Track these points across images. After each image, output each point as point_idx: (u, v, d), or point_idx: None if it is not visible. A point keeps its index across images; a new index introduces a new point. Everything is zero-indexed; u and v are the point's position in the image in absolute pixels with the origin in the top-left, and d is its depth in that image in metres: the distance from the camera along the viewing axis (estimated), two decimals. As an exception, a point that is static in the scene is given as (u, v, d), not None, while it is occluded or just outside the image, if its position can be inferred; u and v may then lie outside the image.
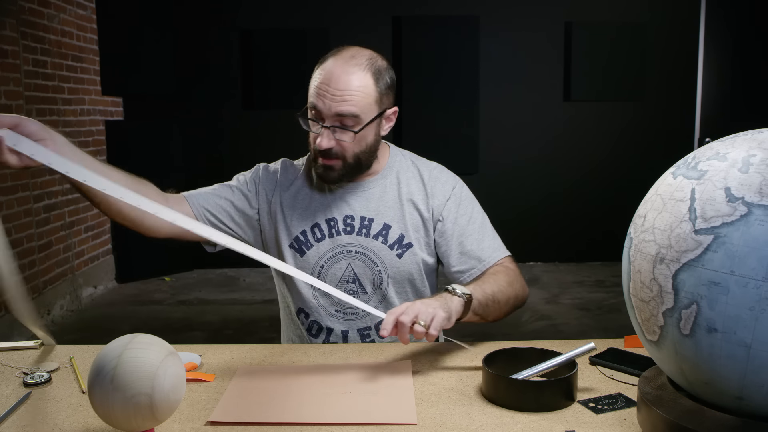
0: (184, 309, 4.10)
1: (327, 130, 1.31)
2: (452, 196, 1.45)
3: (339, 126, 1.30)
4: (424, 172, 1.47)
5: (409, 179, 1.46)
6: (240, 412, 1.01)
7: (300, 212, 1.44)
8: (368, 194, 1.43)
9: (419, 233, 1.44)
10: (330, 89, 1.29)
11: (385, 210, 1.43)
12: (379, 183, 1.44)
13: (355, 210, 1.43)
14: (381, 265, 1.42)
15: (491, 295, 1.28)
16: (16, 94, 3.60)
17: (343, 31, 4.70)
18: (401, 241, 1.42)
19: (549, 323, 3.76)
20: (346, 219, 1.43)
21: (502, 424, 0.96)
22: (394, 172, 1.46)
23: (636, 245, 0.87)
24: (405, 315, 1.11)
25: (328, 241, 1.42)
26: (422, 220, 1.44)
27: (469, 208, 1.45)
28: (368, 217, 1.42)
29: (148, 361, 0.88)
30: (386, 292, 1.44)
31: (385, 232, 1.42)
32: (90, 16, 4.51)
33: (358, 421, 0.97)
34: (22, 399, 1.07)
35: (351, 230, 1.42)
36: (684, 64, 4.84)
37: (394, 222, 1.42)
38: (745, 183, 0.76)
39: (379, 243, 1.42)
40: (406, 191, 1.44)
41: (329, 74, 1.30)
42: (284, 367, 1.22)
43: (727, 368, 0.77)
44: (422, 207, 1.44)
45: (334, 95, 1.29)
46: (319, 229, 1.43)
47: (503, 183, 5.01)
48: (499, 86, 4.93)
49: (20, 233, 3.61)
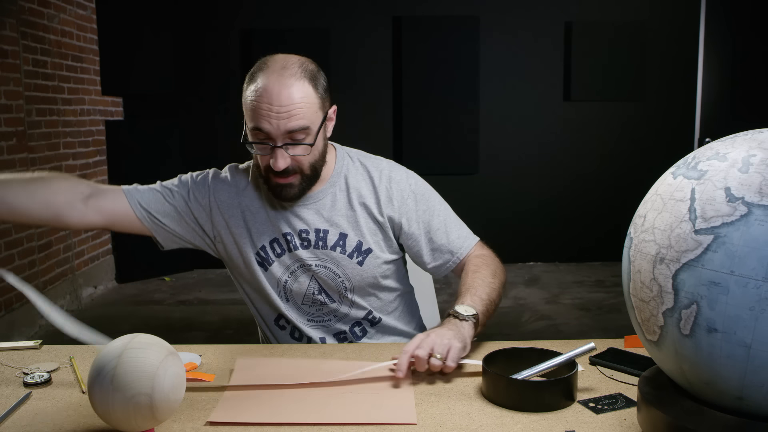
0: (184, 309, 4.10)
1: (280, 150, 1.25)
2: (409, 195, 1.41)
3: (290, 143, 1.25)
4: (374, 173, 1.42)
5: (359, 182, 1.41)
6: (240, 412, 1.01)
7: (257, 227, 1.40)
8: (319, 205, 1.40)
9: (377, 236, 1.41)
10: (273, 108, 1.23)
11: (339, 219, 1.39)
12: (329, 192, 1.40)
13: (309, 223, 1.39)
14: (343, 275, 1.40)
15: (488, 299, 1.28)
16: (16, 94, 3.60)
17: (343, 31, 4.71)
18: (360, 248, 1.40)
19: (549, 323, 3.76)
20: (301, 233, 1.39)
21: (502, 424, 0.96)
22: (342, 177, 1.42)
23: (636, 245, 0.87)
24: (420, 349, 1.11)
25: (288, 256, 1.40)
26: (377, 223, 1.41)
27: (428, 203, 1.43)
28: (323, 229, 1.39)
29: (148, 361, 0.88)
30: (353, 299, 1.43)
31: (342, 242, 1.39)
32: (90, 16, 4.51)
33: (357, 421, 0.97)
34: (22, 399, 1.07)
35: (308, 244, 1.39)
36: (684, 64, 4.84)
37: (349, 230, 1.40)
38: (745, 183, 0.76)
39: (337, 253, 1.39)
40: (357, 195, 1.40)
41: (268, 93, 1.23)
42: (282, 361, 1.22)
43: (727, 368, 0.77)
44: (375, 210, 1.40)
45: (279, 113, 1.23)
46: (278, 244, 1.40)
47: (503, 183, 5.01)
48: (499, 86, 4.93)
49: (20, 233, 3.61)
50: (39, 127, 3.83)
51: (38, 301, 1.08)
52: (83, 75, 4.41)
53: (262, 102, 1.24)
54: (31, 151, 3.74)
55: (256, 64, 1.32)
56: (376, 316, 1.46)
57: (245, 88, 1.29)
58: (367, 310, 1.45)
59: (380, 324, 1.46)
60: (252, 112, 1.26)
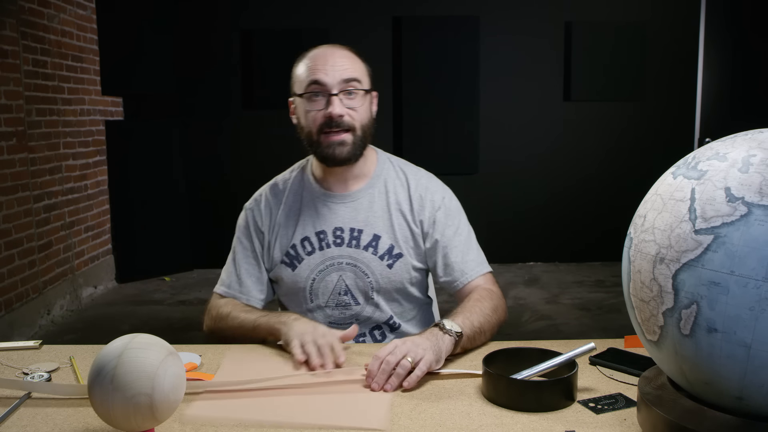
0: (184, 309, 4.10)
1: (336, 98, 1.33)
2: (441, 207, 1.44)
3: (345, 93, 1.34)
4: (412, 181, 1.46)
5: (397, 188, 1.45)
6: (214, 409, 1.02)
7: (291, 227, 1.44)
8: (357, 204, 1.43)
9: (409, 243, 1.43)
10: (329, 62, 1.34)
11: (374, 220, 1.42)
12: (367, 192, 1.44)
13: (344, 221, 1.42)
14: (372, 275, 1.42)
15: (479, 328, 1.26)
16: (16, 94, 3.60)
17: (343, 31, 4.70)
18: (391, 251, 1.42)
19: (549, 323, 3.75)
20: (335, 231, 1.42)
21: (502, 424, 0.96)
22: (381, 180, 1.46)
23: (636, 245, 0.87)
24: (392, 355, 1.10)
25: (319, 254, 1.42)
26: (410, 230, 1.43)
27: (456, 220, 1.45)
28: (357, 228, 1.42)
29: (148, 361, 0.88)
30: (378, 302, 1.44)
31: (375, 243, 1.42)
32: (90, 16, 4.51)
33: (327, 423, 0.97)
34: (22, 399, 1.07)
35: (341, 242, 1.42)
36: (684, 64, 4.84)
37: (383, 232, 1.42)
38: (745, 183, 0.76)
39: (369, 254, 1.41)
40: (394, 200, 1.44)
41: (322, 54, 1.36)
42: (270, 360, 1.23)
43: (727, 368, 0.77)
44: (409, 218, 1.43)
45: (334, 65, 1.34)
46: (309, 243, 1.43)
47: (503, 183, 5.01)
48: (499, 86, 4.93)
49: (20, 233, 3.61)
50: (39, 127, 3.83)
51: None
52: (83, 75, 4.41)
53: (317, 60, 1.36)
54: (31, 151, 3.74)
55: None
56: (396, 322, 1.47)
57: (297, 67, 1.40)
58: (389, 315, 1.46)
59: (399, 330, 1.47)
60: (308, 71, 1.36)
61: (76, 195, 4.28)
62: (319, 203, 1.44)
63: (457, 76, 4.81)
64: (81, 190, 4.34)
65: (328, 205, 1.43)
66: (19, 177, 3.62)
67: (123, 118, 4.88)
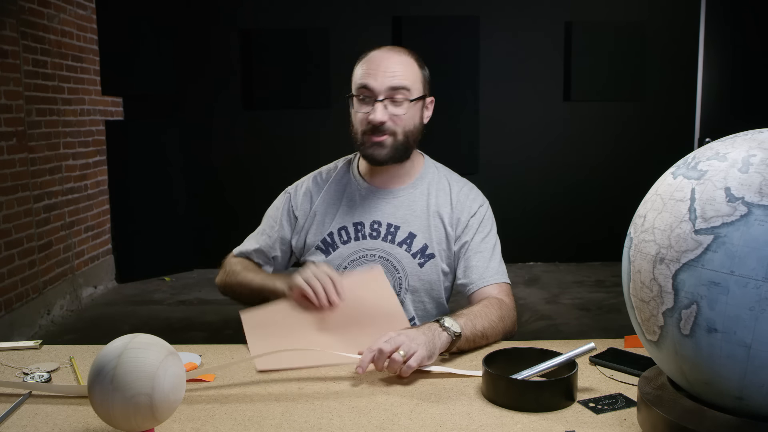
0: (184, 309, 4.10)
1: (380, 104, 1.37)
2: (477, 213, 1.48)
3: (391, 100, 1.37)
4: (455, 187, 1.50)
5: (439, 192, 1.49)
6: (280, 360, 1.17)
7: (330, 215, 1.48)
8: (397, 202, 1.47)
9: (442, 245, 1.46)
10: (381, 68, 1.37)
11: (412, 219, 1.46)
12: (409, 192, 1.48)
13: (383, 216, 1.46)
14: (402, 272, 1.45)
15: (481, 332, 1.25)
16: (16, 94, 3.60)
17: (343, 31, 4.70)
18: (424, 251, 1.45)
19: (549, 323, 3.75)
20: (373, 224, 1.46)
21: (502, 424, 0.96)
22: (425, 183, 1.49)
23: (636, 245, 0.87)
24: (387, 344, 1.11)
25: (354, 244, 1.45)
26: (446, 234, 1.47)
27: (487, 228, 1.49)
28: (395, 224, 1.45)
29: (148, 361, 0.88)
30: (404, 299, 1.46)
31: (409, 241, 1.45)
32: (90, 16, 4.51)
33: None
34: (22, 399, 1.07)
35: (377, 235, 1.45)
36: (684, 64, 4.83)
37: (419, 232, 1.45)
38: (745, 183, 0.76)
39: (402, 251, 1.44)
40: (435, 204, 1.47)
41: (377, 58, 1.39)
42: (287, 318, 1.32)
43: (727, 368, 0.77)
44: (447, 221, 1.47)
45: (385, 72, 1.37)
46: (346, 232, 1.46)
47: (503, 183, 5.00)
48: (499, 86, 4.92)
49: (20, 233, 3.61)
50: (39, 127, 3.83)
51: None
52: (83, 75, 4.41)
53: (370, 64, 1.39)
54: (31, 151, 3.74)
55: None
56: (417, 324, 1.47)
57: (356, 67, 1.43)
58: (411, 315, 1.47)
59: None
60: (360, 75, 1.40)
61: (76, 195, 4.28)
62: (360, 196, 1.48)
63: (457, 76, 4.81)
64: (81, 190, 4.34)
65: (369, 198, 1.47)
66: (19, 177, 3.62)
67: (123, 118, 4.88)
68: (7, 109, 3.50)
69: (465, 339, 1.22)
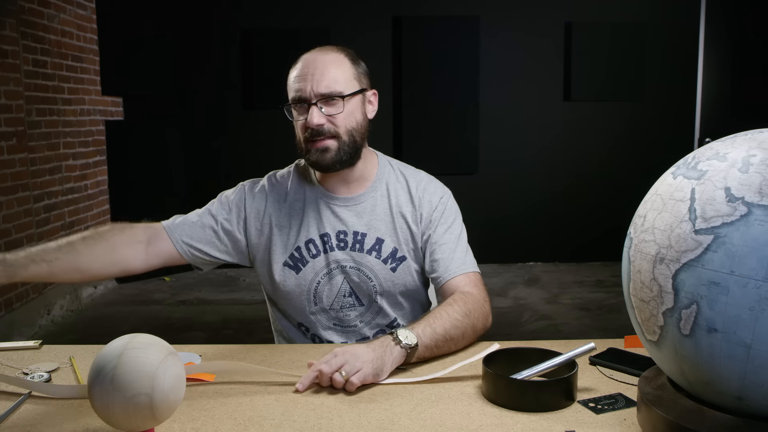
0: (184, 309, 4.10)
1: (315, 107, 1.32)
2: (439, 205, 1.44)
3: (325, 101, 1.32)
4: (412, 183, 1.46)
5: (398, 191, 1.45)
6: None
7: (294, 228, 1.43)
8: (360, 208, 1.43)
9: (410, 245, 1.44)
10: (309, 72, 1.33)
11: (377, 224, 1.42)
12: (370, 196, 1.44)
13: (348, 225, 1.42)
14: (375, 279, 1.42)
15: (442, 335, 1.21)
16: (16, 94, 3.60)
17: (343, 31, 4.70)
18: (395, 255, 1.42)
19: (549, 323, 3.75)
20: (339, 234, 1.42)
21: (502, 424, 0.96)
22: (383, 183, 1.45)
23: (636, 245, 0.87)
24: (327, 365, 1.09)
25: (323, 258, 1.42)
26: (411, 232, 1.43)
27: (450, 219, 1.45)
28: (361, 232, 1.42)
29: (148, 361, 0.88)
30: (381, 305, 1.44)
31: (378, 247, 1.42)
32: (90, 16, 4.51)
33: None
34: (22, 399, 1.07)
35: (344, 246, 1.41)
36: (684, 64, 4.84)
37: (386, 236, 1.42)
38: (745, 183, 0.76)
39: (372, 258, 1.41)
40: (396, 203, 1.44)
41: (306, 63, 1.35)
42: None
43: (727, 368, 0.77)
44: (410, 219, 1.43)
45: (314, 75, 1.32)
46: (314, 245, 1.42)
47: (503, 183, 5.01)
48: (499, 86, 4.93)
49: (20, 233, 3.61)
50: (39, 127, 3.83)
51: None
52: (83, 75, 4.41)
53: (301, 71, 1.34)
54: (31, 151, 3.74)
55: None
56: (400, 324, 1.47)
57: (289, 75, 1.38)
58: (392, 317, 1.46)
59: None
60: (292, 82, 1.36)
61: (76, 195, 4.28)
62: (321, 205, 1.43)
63: (457, 76, 4.81)
64: (81, 190, 4.34)
65: (331, 207, 1.43)
66: (19, 177, 3.62)
67: (123, 118, 4.88)
68: (7, 109, 3.50)
69: (424, 347, 1.18)
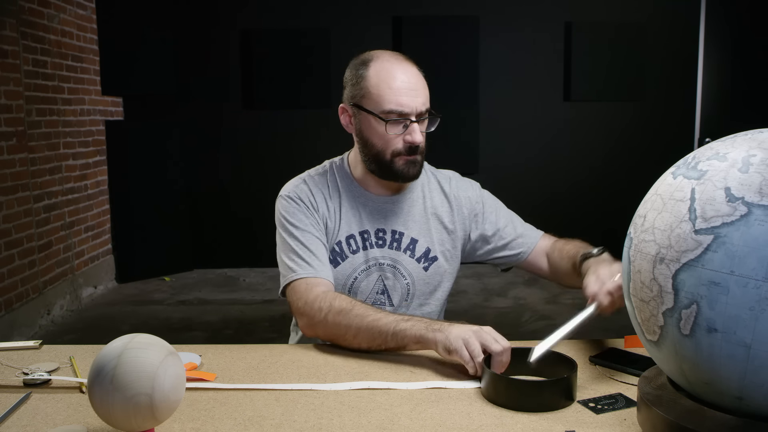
0: (184, 309, 4.10)
1: (417, 125, 1.35)
2: (477, 201, 1.52)
3: (421, 120, 1.36)
4: (444, 182, 1.52)
5: (432, 192, 1.50)
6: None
7: (335, 224, 1.46)
8: (398, 208, 1.47)
9: (444, 246, 1.48)
10: (412, 87, 1.34)
11: (413, 224, 1.47)
12: (407, 197, 1.48)
13: (387, 223, 1.46)
14: (409, 278, 1.46)
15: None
16: (16, 94, 3.60)
17: (343, 31, 4.70)
18: (427, 255, 1.47)
19: (549, 323, 3.75)
20: (378, 232, 1.46)
21: (502, 424, 0.96)
22: (419, 185, 1.50)
23: (636, 245, 0.87)
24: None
25: (362, 254, 1.45)
26: (447, 232, 1.49)
27: (495, 203, 1.55)
28: (399, 231, 1.46)
29: (148, 361, 0.88)
30: (411, 303, 1.48)
31: (412, 246, 1.46)
32: (90, 16, 4.51)
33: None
34: (22, 399, 1.07)
35: (383, 243, 1.45)
36: (684, 64, 4.83)
37: (420, 236, 1.47)
38: (745, 183, 0.76)
39: (407, 257, 1.46)
40: (431, 205, 1.49)
41: (408, 77, 1.34)
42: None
43: (727, 368, 0.77)
44: (446, 220, 1.49)
45: (416, 91, 1.34)
46: (354, 241, 1.45)
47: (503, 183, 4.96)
48: (499, 86, 4.92)
49: (20, 233, 3.61)
50: (39, 127, 3.83)
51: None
52: (83, 75, 4.41)
53: (400, 84, 1.33)
54: (31, 151, 3.74)
55: (359, 58, 1.42)
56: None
57: (367, 79, 1.36)
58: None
59: None
60: (391, 94, 1.33)
61: (76, 195, 4.28)
62: (360, 203, 1.46)
63: (457, 77, 4.81)
64: (81, 190, 4.34)
65: (370, 206, 1.46)
66: (19, 177, 3.62)
67: (123, 118, 4.88)
68: (7, 109, 3.50)
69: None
